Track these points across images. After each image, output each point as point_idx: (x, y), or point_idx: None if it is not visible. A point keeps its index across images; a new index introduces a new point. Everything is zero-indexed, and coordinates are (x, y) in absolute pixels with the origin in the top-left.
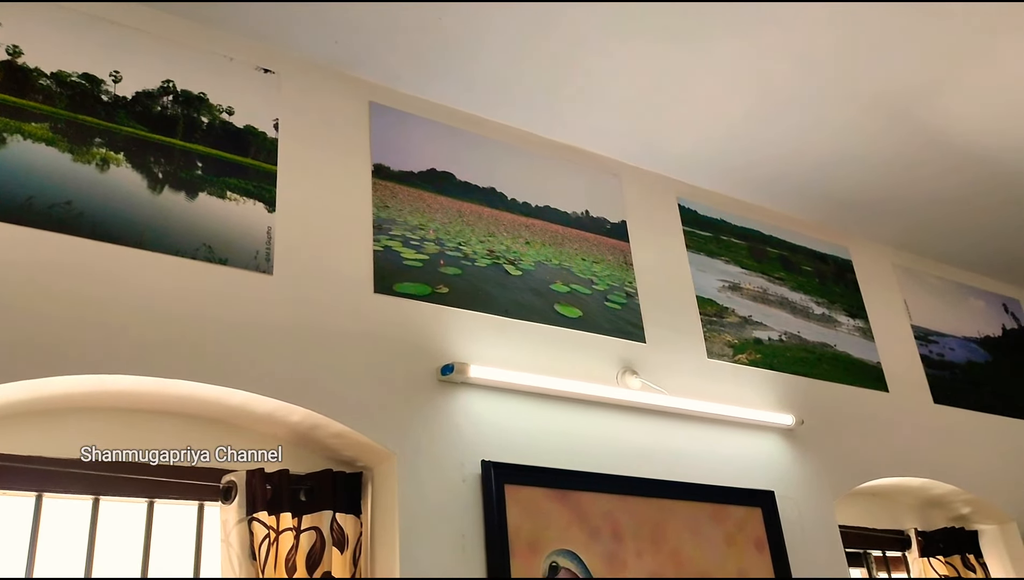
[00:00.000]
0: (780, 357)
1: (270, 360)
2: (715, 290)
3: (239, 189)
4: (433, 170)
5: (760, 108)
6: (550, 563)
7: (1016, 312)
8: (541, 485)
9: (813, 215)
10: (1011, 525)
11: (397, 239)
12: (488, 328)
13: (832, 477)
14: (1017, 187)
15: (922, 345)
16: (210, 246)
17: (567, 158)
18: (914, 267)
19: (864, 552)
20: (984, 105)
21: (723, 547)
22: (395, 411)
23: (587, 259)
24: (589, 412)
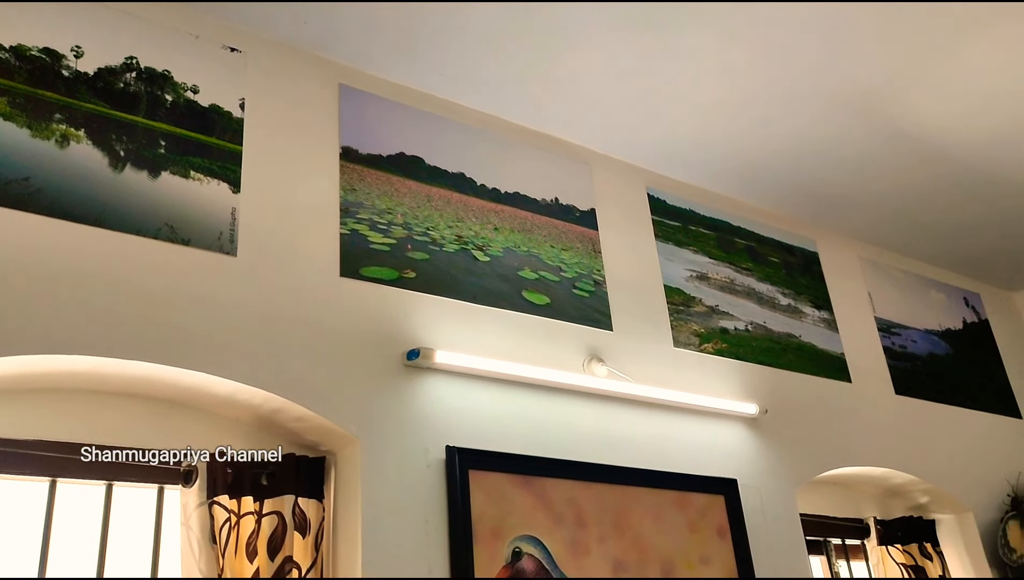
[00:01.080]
0: (746, 347)
1: (233, 343)
2: (683, 279)
3: (203, 169)
4: (402, 154)
5: (730, 100)
6: (513, 548)
7: (976, 306)
8: (505, 471)
9: (781, 207)
10: (968, 515)
11: (364, 223)
12: (455, 314)
13: (794, 466)
14: (980, 183)
15: (885, 337)
16: (172, 226)
17: (537, 145)
18: (879, 260)
19: (824, 540)
20: (949, 102)
21: (686, 534)
22: (359, 396)
23: (556, 246)
24: (555, 399)
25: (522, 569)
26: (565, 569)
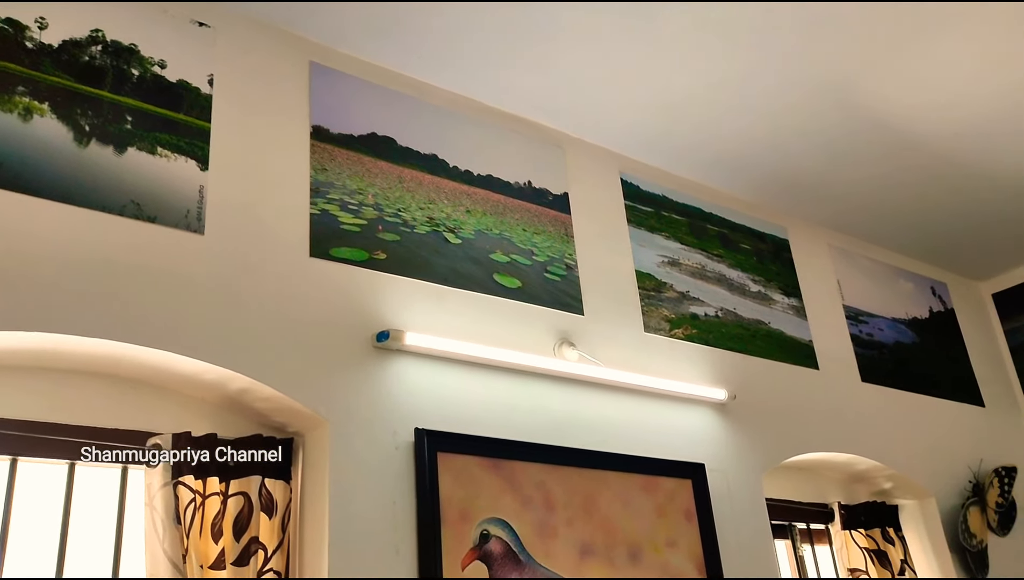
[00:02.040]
0: (716, 333)
1: (200, 322)
2: (654, 265)
3: (170, 145)
4: (374, 134)
5: (705, 87)
6: (481, 531)
7: (943, 295)
8: (474, 454)
9: (753, 194)
10: (930, 500)
11: (335, 203)
12: (426, 296)
13: (761, 451)
14: (949, 174)
15: (853, 325)
16: (138, 203)
17: (511, 128)
18: (848, 248)
19: (789, 524)
20: (920, 93)
21: (653, 517)
22: (328, 377)
23: (528, 230)
24: (525, 382)
25: (490, 551)
26: (533, 552)
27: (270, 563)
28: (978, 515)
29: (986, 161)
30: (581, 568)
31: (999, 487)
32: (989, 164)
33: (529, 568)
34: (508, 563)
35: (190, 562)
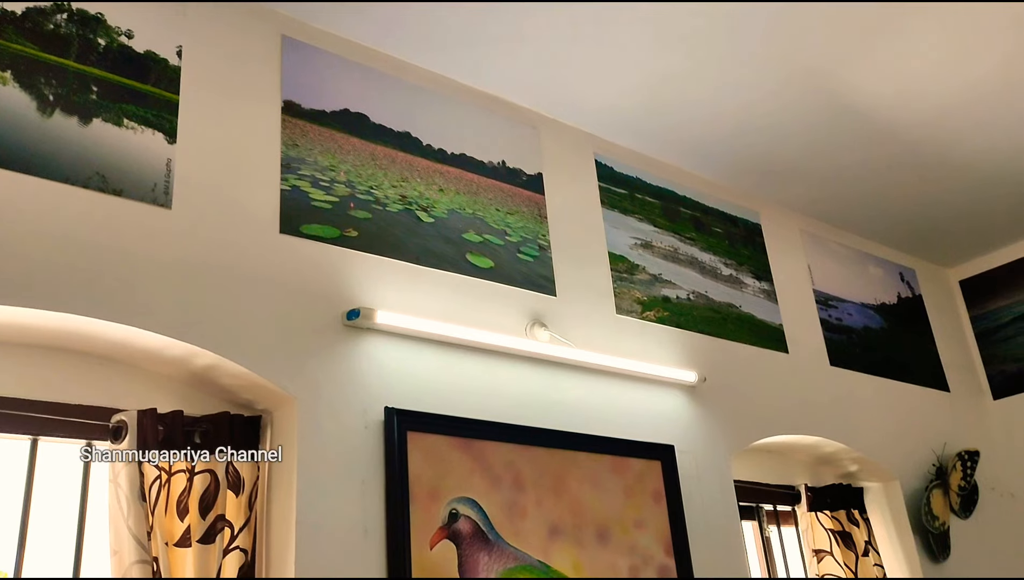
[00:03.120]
0: (687, 315)
1: (167, 297)
2: (627, 247)
3: (137, 117)
4: (346, 111)
5: (680, 71)
6: (450, 510)
7: (911, 281)
8: (444, 433)
9: (727, 179)
10: (894, 483)
11: (306, 179)
12: (397, 274)
13: (730, 433)
14: (919, 162)
15: (822, 309)
16: (103, 175)
17: (485, 107)
18: (819, 234)
19: (756, 506)
20: (891, 82)
21: (622, 498)
22: (297, 354)
23: (501, 210)
24: (496, 363)
25: (459, 531)
26: (501, 531)
27: (236, 540)
28: (941, 498)
29: (955, 150)
30: (550, 548)
31: (962, 471)
32: (958, 153)
33: (498, 547)
34: (477, 542)
35: (155, 539)
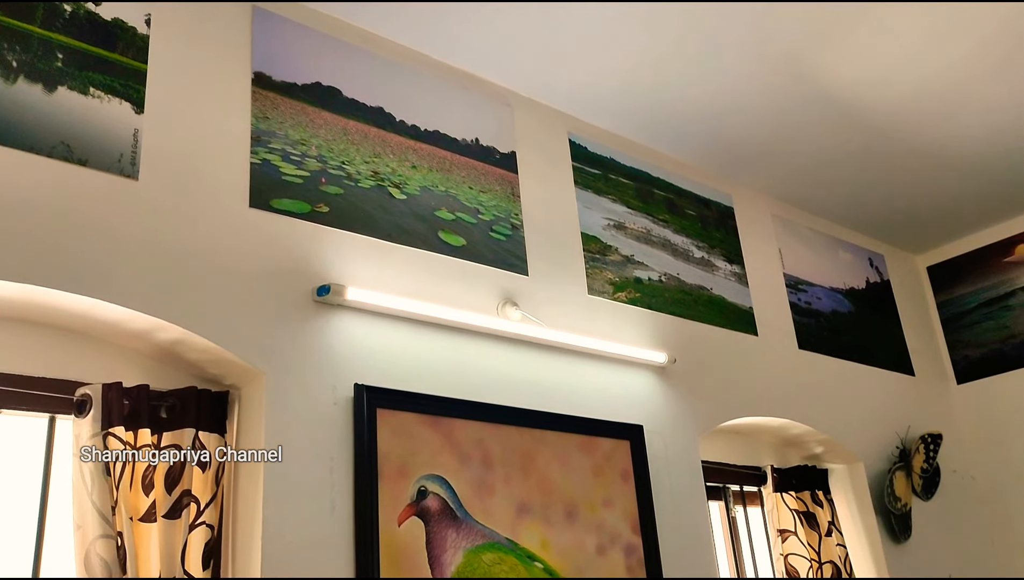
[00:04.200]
0: (658, 297)
1: (132, 269)
2: (600, 228)
3: (103, 86)
4: (319, 84)
5: (656, 52)
6: (419, 487)
7: (880, 266)
8: (414, 410)
9: (701, 161)
10: (858, 465)
11: (276, 153)
12: (368, 251)
13: (699, 414)
14: (890, 148)
15: (792, 293)
16: (68, 145)
17: (460, 84)
18: (791, 218)
19: (723, 486)
20: (866, 66)
21: (590, 477)
22: (266, 330)
23: (474, 188)
24: (467, 341)
25: (427, 508)
26: (470, 508)
27: (203, 516)
28: (903, 480)
29: (925, 137)
30: (517, 525)
31: (924, 453)
32: (928, 140)
33: (466, 525)
34: (445, 519)
35: (119, 514)
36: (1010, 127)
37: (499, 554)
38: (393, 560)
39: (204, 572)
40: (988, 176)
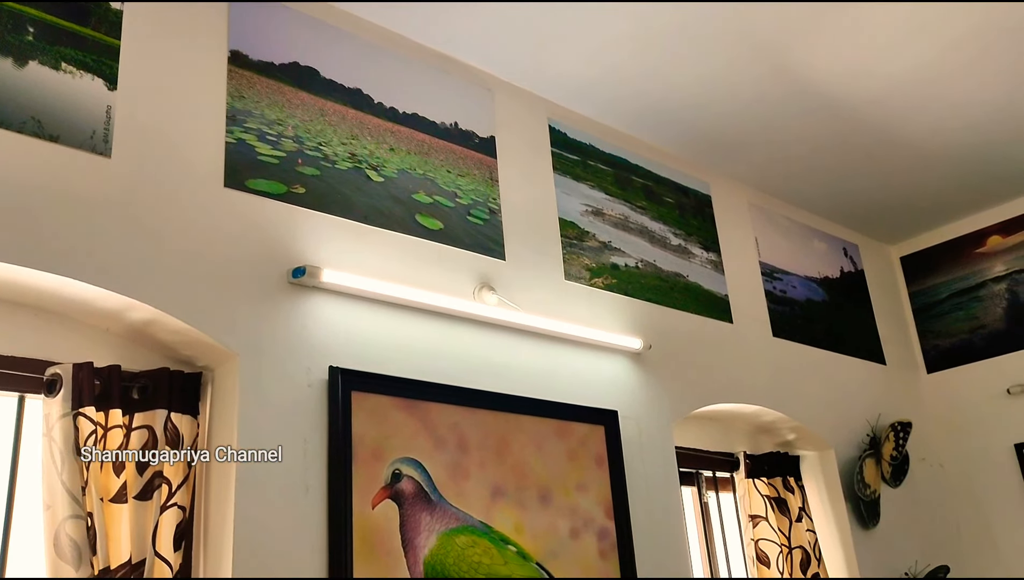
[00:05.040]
0: (635, 283)
1: (104, 248)
2: (578, 214)
3: (76, 61)
4: (296, 64)
5: (636, 39)
6: (393, 470)
7: (854, 256)
8: (389, 394)
9: (679, 149)
10: (829, 452)
11: (252, 133)
12: (345, 233)
13: (673, 400)
14: (866, 139)
15: (767, 281)
16: (39, 120)
17: (440, 67)
18: (767, 207)
19: (696, 472)
20: (844, 57)
21: (565, 461)
22: (240, 311)
23: (452, 172)
24: (444, 325)
25: (401, 491)
26: (444, 492)
27: (174, 498)
28: (873, 467)
29: (900, 129)
30: (492, 509)
31: (894, 441)
32: (903, 132)
33: (440, 508)
34: (419, 502)
35: (90, 494)
36: (984, 121)
37: (473, 537)
38: (366, 542)
39: (175, 554)
40: (962, 169)
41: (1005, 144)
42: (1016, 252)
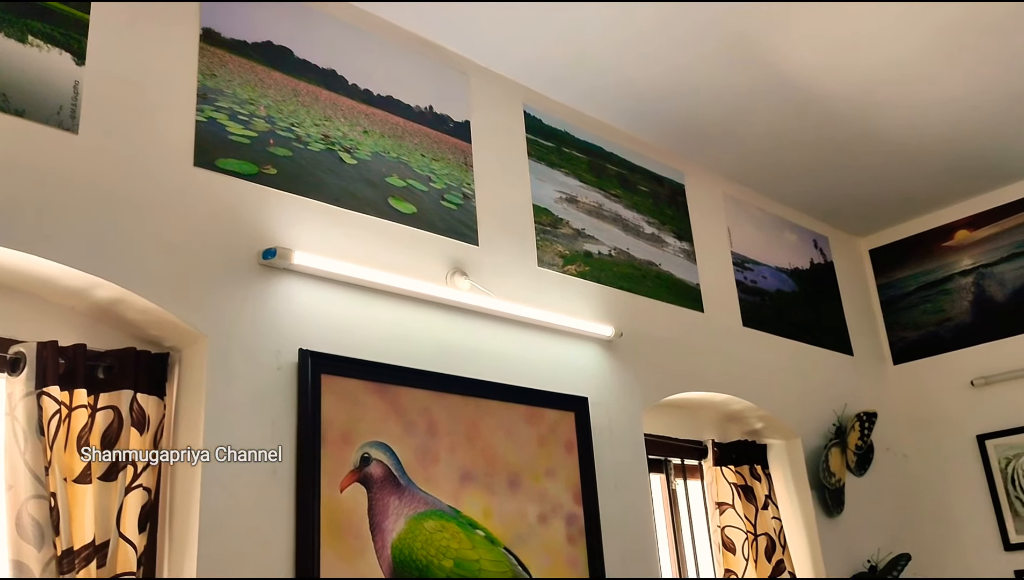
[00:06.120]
0: (607, 271)
1: (70, 225)
2: (552, 200)
3: (42, 35)
4: (269, 43)
5: (613, 28)
6: (362, 454)
7: (824, 248)
8: (360, 377)
9: (655, 138)
10: (796, 441)
11: (224, 112)
12: (317, 215)
13: (643, 388)
14: (839, 132)
15: (739, 271)
16: (5, 94)
17: (416, 49)
18: (741, 198)
19: (665, 459)
20: (819, 51)
21: (534, 447)
22: (209, 292)
23: (426, 156)
24: (415, 309)
25: (370, 474)
26: (413, 476)
27: (139, 479)
28: (838, 456)
29: (872, 124)
30: (461, 493)
31: (859, 431)
32: (875, 127)
33: (409, 492)
34: (388, 486)
35: (53, 474)
36: (954, 117)
37: (441, 521)
38: (334, 525)
39: (140, 535)
40: (932, 164)
41: (974, 140)
42: (983, 246)
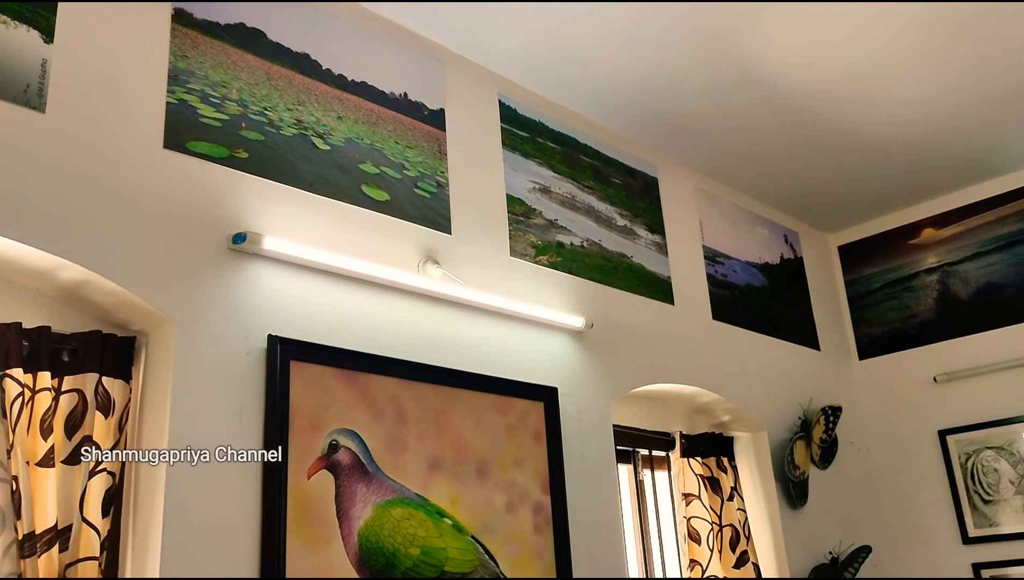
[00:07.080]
0: (579, 262)
1: (34, 204)
2: (525, 191)
3: (9, 11)
4: (242, 25)
5: (591, 19)
6: (330, 441)
7: (794, 243)
8: (329, 364)
9: (629, 131)
10: (762, 433)
11: (195, 93)
12: (288, 200)
13: (613, 379)
14: (811, 131)
15: (709, 265)
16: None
17: (391, 36)
18: (713, 192)
19: (633, 450)
20: (793, 50)
21: (503, 436)
22: (177, 275)
23: (401, 143)
24: (386, 297)
25: (337, 462)
26: (381, 464)
27: (103, 463)
28: (803, 449)
29: (843, 122)
30: (429, 482)
31: (824, 424)
32: (846, 125)
33: (376, 479)
34: (356, 474)
35: (15, 458)
36: (924, 117)
37: (408, 509)
38: (301, 512)
39: (104, 519)
40: (901, 162)
41: (942, 140)
42: (948, 245)
